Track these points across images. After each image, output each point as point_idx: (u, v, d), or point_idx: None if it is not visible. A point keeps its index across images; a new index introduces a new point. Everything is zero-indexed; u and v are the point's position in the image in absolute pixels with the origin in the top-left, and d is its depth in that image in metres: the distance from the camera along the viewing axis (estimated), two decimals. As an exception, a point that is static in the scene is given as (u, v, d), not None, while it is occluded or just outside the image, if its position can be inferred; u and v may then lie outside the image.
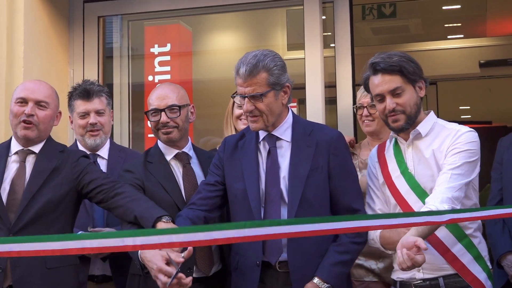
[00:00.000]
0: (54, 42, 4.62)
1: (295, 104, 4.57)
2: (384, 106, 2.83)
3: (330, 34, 4.49)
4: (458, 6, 8.19)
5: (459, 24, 9.10)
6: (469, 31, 9.36)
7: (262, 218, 2.84)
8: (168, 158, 3.20)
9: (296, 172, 2.86)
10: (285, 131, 2.94)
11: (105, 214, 3.50)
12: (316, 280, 2.79)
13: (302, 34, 4.41)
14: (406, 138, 2.88)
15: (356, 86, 4.30)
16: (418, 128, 2.84)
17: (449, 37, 9.67)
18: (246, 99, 2.84)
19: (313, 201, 2.85)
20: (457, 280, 2.77)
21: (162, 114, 3.13)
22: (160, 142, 3.23)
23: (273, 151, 2.92)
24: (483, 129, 8.34)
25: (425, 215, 2.21)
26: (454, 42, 9.72)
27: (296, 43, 5.07)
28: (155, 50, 4.84)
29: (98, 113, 3.59)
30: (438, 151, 2.79)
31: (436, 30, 9.29)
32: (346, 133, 4.20)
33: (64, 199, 3.09)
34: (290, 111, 3.00)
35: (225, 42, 5.67)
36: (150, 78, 4.81)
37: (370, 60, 2.87)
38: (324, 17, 4.45)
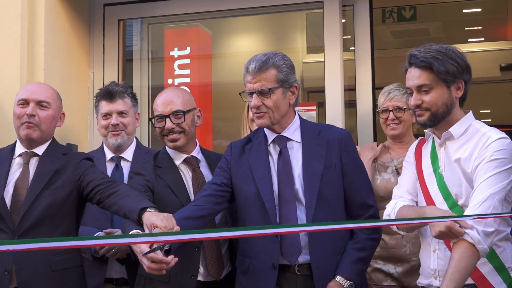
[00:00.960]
0: (74, 45, 4.63)
1: (314, 107, 4.54)
2: (411, 101, 2.80)
3: (350, 37, 4.49)
4: (479, 9, 8.10)
5: (480, 27, 9.00)
6: (490, 34, 9.27)
7: (277, 219, 2.86)
8: (177, 163, 3.21)
9: (310, 170, 2.87)
10: (294, 132, 2.96)
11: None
12: (338, 278, 2.82)
13: (321, 37, 4.40)
14: (440, 137, 2.81)
15: (376, 89, 4.29)
16: (451, 130, 2.76)
17: (469, 40, 9.58)
18: (254, 95, 2.87)
19: (329, 199, 2.87)
20: None
21: (167, 120, 3.12)
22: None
23: (284, 152, 2.93)
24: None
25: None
26: (475, 46, 9.62)
27: (315, 46, 5.07)
28: (175, 53, 4.84)
29: (121, 114, 3.60)
30: (467, 158, 2.69)
31: (456, 33, 9.20)
32: (366, 136, 4.25)
33: (66, 201, 3.10)
34: (297, 113, 3.02)
35: (244, 45, 5.68)
36: (170, 81, 4.81)
37: (411, 50, 2.82)
38: (344, 20, 4.45)
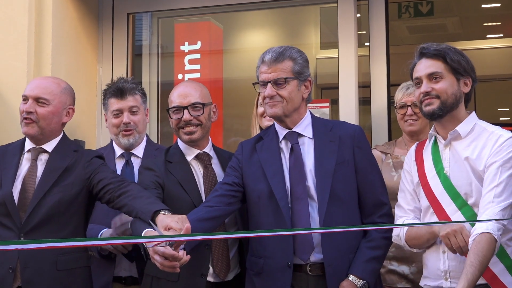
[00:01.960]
0: (82, 39, 4.60)
1: (328, 104, 4.51)
2: (420, 91, 2.83)
3: (364, 32, 4.46)
4: (498, 5, 8.08)
5: (499, 23, 8.99)
6: (509, 30, 9.24)
7: (290, 217, 2.83)
8: (188, 158, 3.17)
9: (322, 166, 2.86)
10: (306, 128, 2.95)
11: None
12: (351, 277, 2.80)
13: (336, 32, 4.37)
14: (445, 137, 2.83)
15: (391, 86, 4.27)
16: (457, 128, 2.78)
17: (488, 36, 9.55)
18: (269, 85, 2.87)
19: (342, 196, 2.86)
20: None
21: (185, 111, 3.10)
22: (180, 141, 3.19)
23: (296, 148, 2.92)
24: (522, 131, 8.15)
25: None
26: (493, 42, 9.60)
27: (329, 42, 5.05)
28: (185, 48, 4.82)
29: (132, 111, 3.55)
30: (477, 157, 2.72)
31: (474, 29, 9.20)
32: (380, 134, 4.23)
33: (76, 200, 3.08)
34: (308, 109, 3.01)
35: (257, 40, 5.68)
36: (180, 76, 4.79)
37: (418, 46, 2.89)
38: (358, 15, 4.42)
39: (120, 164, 3.58)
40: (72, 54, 4.45)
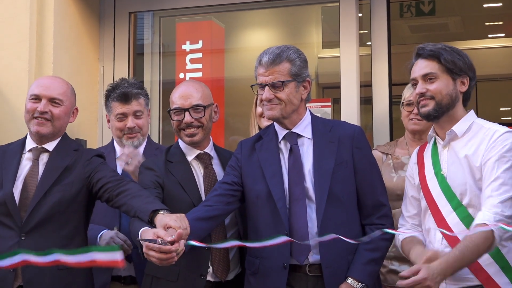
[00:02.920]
0: (84, 38, 4.59)
1: (329, 103, 4.50)
2: (415, 92, 2.84)
3: (366, 32, 4.45)
4: (500, 4, 8.07)
5: (501, 22, 8.98)
6: (510, 30, 9.25)
7: (288, 218, 2.82)
8: (189, 158, 3.15)
9: (320, 167, 2.84)
10: (305, 128, 2.93)
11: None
12: (350, 280, 2.77)
13: (337, 31, 4.36)
14: (443, 138, 2.83)
15: (392, 85, 4.26)
16: (453, 128, 2.79)
17: (490, 35, 9.55)
18: (266, 88, 2.85)
19: (341, 196, 2.84)
20: None
21: (186, 114, 3.08)
22: (181, 141, 3.18)
23: (295, 149, 2.90)
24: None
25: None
26: (495, 41, 9.60)
27: (331, 41, 5.04)
28: (187, 47, 4.81)
29: (136, 115, 3.54)
30: (473, 153, 2.72)
31: (476, 28, 9.19)
32: (382, 133, 4.22)
33: (76, 199, 3.07)
34: (308, 109, 3.00)
35: (258, 40, 5.67)
36: (181, 75, 4.78)
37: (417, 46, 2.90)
38: (360, 14, 4.41)
39: (120, 164, 3.55)
40: (73, 53, 4.43)
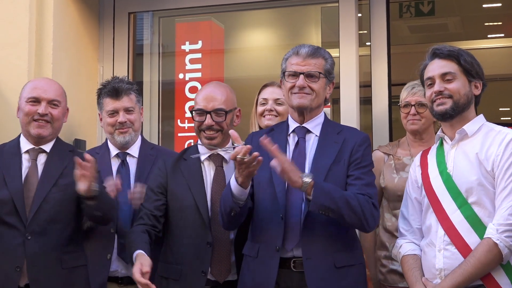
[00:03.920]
0: (83, 38, 4.59)
1: (329, 104, 4.49)
2: (432, 90, 2.84)
3: (365, 32, 4.45)
4: (499, 4, 8.04)
5: (500, 22, 8.95)
6: (510, 30, 9.21)
7: (285, 204, 2.85)
8: (202, 158, 3.17)
9: (318, 164, 2.88)
10: (316, 126, 2.98)
11: (131, 214, 3.43)
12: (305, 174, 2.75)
13: (337, 32, 4.36)
14: (453, 137, 2.84)
15: (392, 86, 4.26)
16: (464, 127, 2.80)
17: (489, 36, 9.52)
18: (301, 76, 2.90)
19: None
20: None
21: (207, 116, 3.10)
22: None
23: (301, 142, 2.96)
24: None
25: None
26: (495, 42, 9.57)
27: (330, 41, 5.02)
28: (186, 47, 4.82)
29: (127, 111, 3.55)
30: (484, 155, 2.72)
31: (476, 28, 9.17)
32: (381, 134, 4.21)
33: (75, 200, 3.10)
34: (323, 111, 3.06)
35: (258, 40, 5.67)
36: (181, 76, 4.79)
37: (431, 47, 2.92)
38: (360, 14, 4.41)
39: (115, 163, 3.57)
40: (73, 53, 4.43)
